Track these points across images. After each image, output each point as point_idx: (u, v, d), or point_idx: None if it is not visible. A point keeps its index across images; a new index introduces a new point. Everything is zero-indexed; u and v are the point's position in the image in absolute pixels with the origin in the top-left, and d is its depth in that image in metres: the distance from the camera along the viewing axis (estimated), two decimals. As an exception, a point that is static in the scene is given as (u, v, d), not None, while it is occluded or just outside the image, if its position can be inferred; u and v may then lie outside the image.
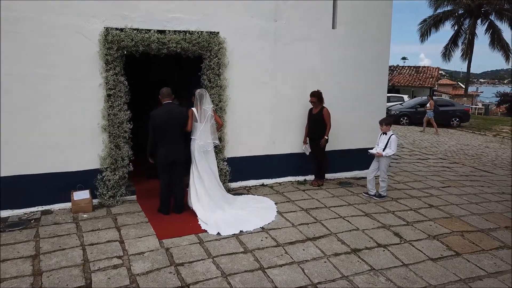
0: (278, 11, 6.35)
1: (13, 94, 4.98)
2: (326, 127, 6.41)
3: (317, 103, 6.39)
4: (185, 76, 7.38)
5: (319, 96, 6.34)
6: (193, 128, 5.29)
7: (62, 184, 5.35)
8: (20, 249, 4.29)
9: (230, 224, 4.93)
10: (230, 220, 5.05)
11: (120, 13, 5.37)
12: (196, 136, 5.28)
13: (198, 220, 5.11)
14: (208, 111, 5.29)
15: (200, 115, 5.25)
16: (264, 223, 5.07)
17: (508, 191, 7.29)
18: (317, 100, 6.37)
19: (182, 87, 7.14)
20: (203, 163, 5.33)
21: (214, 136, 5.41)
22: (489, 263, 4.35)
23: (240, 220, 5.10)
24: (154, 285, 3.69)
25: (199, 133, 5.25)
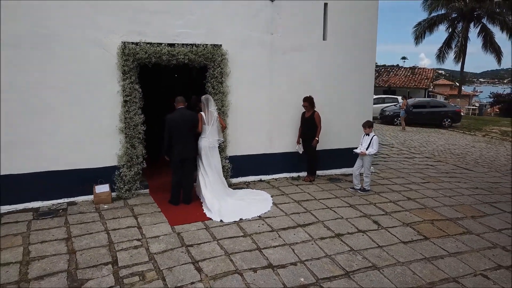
0: (274, 24, 7.11)
1: (43, 99, 5.74)
2: (317, 129, 7.17)
3: (309, 107, 7.15)
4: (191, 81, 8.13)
5: (310, 101, 7.10)
6: (202, 129, 6.12)
7: (85, 179, 6.11)
8: (54, 233, 5.07)
9: (231, 212, 5.71)
10: (232, 209, 5.82)
11: (135, 29, 6.14)
12: (205, 135, 6.11)
13: (204, 209, 5.90)
14: (214, 113, 6.12)
15: (208, 118, 6.08)
16: (262, 212, 5.86)
17: (483, 186, 8.07)
18: (309, 105, 7.12)
19: (188, 90, 7.90)
20: (209, 160, 6.17)
21: (219, 135, 6.27)
22: (452, 246, 5.13)
23: (240, 209, 5.88)
24: (169, 261, 4.46)
25: (208, 133, 6.09)
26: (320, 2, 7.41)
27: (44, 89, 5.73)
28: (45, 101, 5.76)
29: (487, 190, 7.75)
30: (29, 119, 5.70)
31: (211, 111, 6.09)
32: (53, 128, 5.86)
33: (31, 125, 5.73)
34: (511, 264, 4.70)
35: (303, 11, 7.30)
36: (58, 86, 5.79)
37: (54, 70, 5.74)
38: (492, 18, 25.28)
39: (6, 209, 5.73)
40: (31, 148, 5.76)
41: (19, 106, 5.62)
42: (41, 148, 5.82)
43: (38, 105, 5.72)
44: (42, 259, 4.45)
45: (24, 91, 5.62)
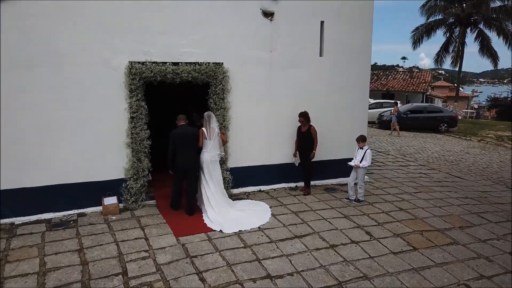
0: (272, 42, 7.47)
1: (56, 116, 6.09)
2: (314, 143, 7.52)
3: (305, 122, 7.48)
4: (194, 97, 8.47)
5: (306, 116, 7.45)
6: (204, 143, 6.49)
7: (94, 191, 6.47)
8: (67, 245, 5.42)
9: (232, 223, 6.08)
10: (232, 220, 6.19)
11: (141, 50, 6.49)
12: (206, 150, 6.50)
13: (204, 219, 6.27)
14: (215, 129, 6.51)
15: (209, 133, 6.46)
16: (261, 223, 6.22)
17: (472, 195, 8.43)
18: (305, 120, 7.46)
19: (190, 104, 8.25)
20: (210, 172, 6.55)
21: (220, 149, 6.65)
22: (438, 256, 5.49)
23: (240, 220, 6.24)
24: (175, 272, 4.82)
25: (209, 147, 6.48)
26: (316, 20, 7.76)
27: (56, 107, 6.08)
28: (58, 118, 6.11)
29: (476, 199, 8.10)
30: (43, 136, 6.06)
31: (212, 127, 6.47)
32: (64, 144, 6.21)
33: (44, 141, 6.08)
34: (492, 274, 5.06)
35: (301, 29, 7.66)
36: (69, 104, 6.15)
37: (66, 89, 6.09)
38: (488, 24, 25.65)
39: (20, 220, 6.09)
40: (44, 162, 6.12)
41: (33, 123, 5.98)
42: (53, 163, 6.18)
43: (51, 122, 6.08)
44: (57, 270, 4.80)
45: (38, 109, 5.97)
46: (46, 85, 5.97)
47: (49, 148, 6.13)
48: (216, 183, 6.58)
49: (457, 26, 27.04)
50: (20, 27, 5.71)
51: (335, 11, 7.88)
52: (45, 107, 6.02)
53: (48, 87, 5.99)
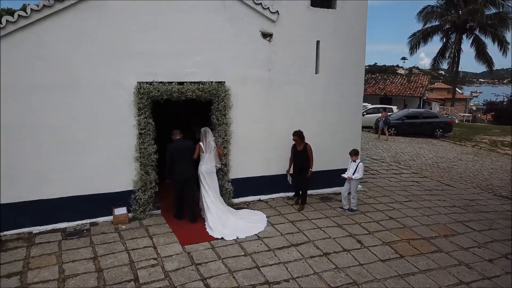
0: (271, 62, 7.97)
1: (70, 134, 6.59)
2: (309, 161, 7.80)
3: (299, 140, 7.73)
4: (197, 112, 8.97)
5: (300, 134, 7.73)
6: (201, 156, 7.08)
7: (105, 202, 6.97)
8: (82, 253, 5.92)
9: (231, 231, 6.63)
10: (232, 228, 6.73)
11: (149, 71, 7.00)
12: (203, 162, 7.09)
13: (206, 227, 6.81)
14: (211, 143, 7.09)
15: (206, 147, 7.07)
16: (258, 230, 6.76)
17: (460, 204, 8.92)
18: (299, 138, 7.70)
19: (193, 119, 8.75)
20: (208, 183, 7.13)
21: (216, 161, 7.25)
22: (423, 263, 5.99)
23: (239, 228, 6.77)
24: (182, 278, 5.31)
25: (205, 160, 7.06)
26: (312, 40, 8.26)
27: (71, 125, 6.58)
28: (73, 135, 6.62)
29: (463, 208, 8.60)
30: (59, 152, 6.56)
31: (208, 141, 7.10)
32: (78, 159, 6.71)
33: (60, 157, 6.58)
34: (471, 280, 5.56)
35: (297, 49, 8.16)
36: (83, 122, 6.65)
37: (81, 109, 6.59)
38: (484, 30, 26.17)
39: (37, 229, 6.59)
40: (60, 176, 6.62)
41: (51, 140, 6.48)
42: (68, 176, 6.68)
43: (66, 139, 6.58)
44: (75, 276, 5.30)
45: (54, 127, 6.47)
46: (62, 105, 6.47)
47: (65, 163, 6.63)
48: (214, 193, 7.16)
49: (454, 32, 27.56)
50: (40, 54, 6.22)
51: (330, 31, 8.38)
52: (61, 126, 6.52)
53: (65, 107, 6.49)
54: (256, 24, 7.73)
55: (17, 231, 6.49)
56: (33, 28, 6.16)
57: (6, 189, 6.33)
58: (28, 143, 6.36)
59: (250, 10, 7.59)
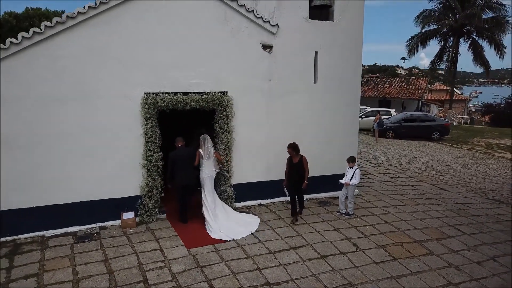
0: (271, 72, 8.34)
1: (83, 143, 6.96)
2: (305, 173, 7.74)
3: (293, 153, 7.67)
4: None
5: (294, 147, 7.67)
6: (201, 163, 7.50)
7: (113, 206, 7.33)
8: (93, 256, 6.28)
9: (227, 231, 7.12)
10: (228, 229, 7.19)
11: (155, 82, 7.36)
12: (203, 168, 7.52)
13: (206, 228, 7.27)
14: (210, 149, 7.53)
15: (205, 153, 7.49)
16: (252, 231, 7.26)
17: (452, 208, 9.29)
18: (293, 150, 7.65)
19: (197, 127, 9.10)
20: (208, 187, 7.57)
21: (215, 167, 7.69)
22: (415, 265, 6.35)
23: (235, 230, 7.23)
24: (188, 280, 5.68)
25: (205, 166, 7.51)
26: (311, 51, 8.63)
27: (83, 134, 6.95)
28: (83, 143, 6.98)
29: (455, 212, 8.96)
30: (71, 159, 6.92)
31: (207, 148, 7.51)
32: (89, 165, 7.07)
33: (71, 164, 6.95)
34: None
35: (296, 59, 8.52)
36: (94, 131, 7.01)
37: (92, 119, 6.96)
38: (481, 34, 26.55)
39: (50, 233, 6.95)
40: (71, 182, 6.98)
41: (63, 148, 6.85)
42: (78, 182, 7.04)
43: (78, 147, 6.94)
44: (88, 278, 5.67)
45: (68, 137, 6.84)
46: (75, 116, 6.84)
47: (76, 170, 6.99)
48: (214, 196, 7.63)
49: (451, 36, 27.94)
50: (53, 68, 6.59)
51: (328, 42, 8.74)
52: (73, 135, 6.88)
53: (77, 117, 6.86)
54: (257, 37, 8.10)
55: (31, 234, 6.85)
56: (47, 44, 6.53)
57: (20, 194, 6.69)
58: (42, 151, 6.73)
59: (251, 23, 7.96)
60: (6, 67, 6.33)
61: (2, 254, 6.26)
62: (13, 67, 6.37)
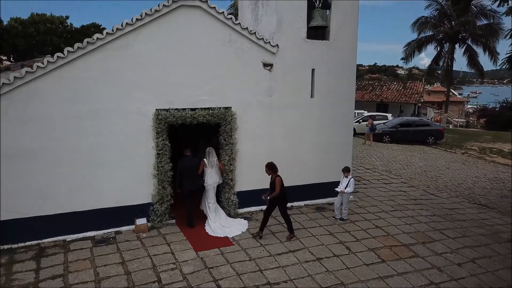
0: (271, 89, 9.04)
1: (99, 155, 7.65)
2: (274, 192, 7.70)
3: (269, 171, 7.81)
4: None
5: (269, 166, 7.81)
6: (205, 171, 8.35)
7: (127, 213, 8.02)
8: (112, 258, 6.98)
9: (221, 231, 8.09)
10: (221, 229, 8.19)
11: (166, 99, 8.05)
12: (206, 177, 8.36)
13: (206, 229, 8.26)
14: (214, 161, 8.34)
15: (209, 164, 8.33)
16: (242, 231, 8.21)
17: (440, 213, 9.98)
18: (269, 169, 7.81)
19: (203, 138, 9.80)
20: (211, 194, 8.44)
21: (219, 177, 8.55)
22: (401, 267, 7.04)
23: (227, 230, 8.20)
24: (197, 280, 6.37)
25: (208, 175, 8.33)
26: (308, 68, 9.33)
27: (100, 147, 7.64)
28: (101, 156, 7.67)
29: (442, 217, 9.65)
30: (89, 170, 7.62)
31: (211, 160, 8.39)
32: (106, 176, 7.76)
33: (90, 175, 7.64)
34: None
35: (295, 76, 9.23)
36: (109, 144, 7.71)
37: (108, 134, 7.66)
38: (475, 40, 27.25)
39: (70, 237, 7.65)
40: (89, 191, 7.67)
41: (82, 161, 7.54)
42: (97, 191, 7.73)
43: (95, 160, 7.64)
44: (108, 278, 6.36)
45: (85, 150, 7.54)
46: (93, 131, 7.53)
47: (94, 180, 7.69)
48: (214, 202, 8.49)
49: (447, 42, 28.64)
50: (75, 88, 7.29)
51: (324, 59, 9.45)
52: (91, 148, 7.58)
53: (94, 132, 7.56)
54: (258, 56, 8.80)
55: (54, 239, 7.55)
56: (69, 67, 7.22)
57: (45, 202, 7.38)
58: (64, 163, 7.42)
59: (253, 44, 8.66)
60: (33, 89, 7.02)
61: (29, 257, 6.96)
62: (40, 89, 7.07)
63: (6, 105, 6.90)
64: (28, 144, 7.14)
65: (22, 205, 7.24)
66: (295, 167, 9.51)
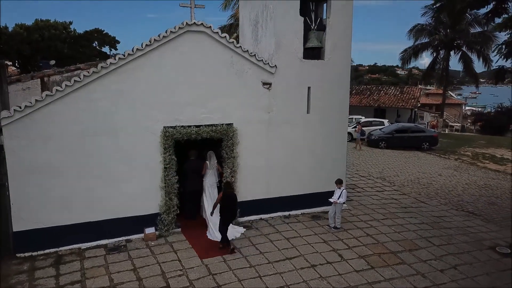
0: (270, 106, 9.71)
1: (112, 169, 8.32)
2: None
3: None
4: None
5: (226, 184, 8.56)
6: (205, 173, 9.25)
7: (137, 222, 8.69)
8: (124, 265, 7.64)
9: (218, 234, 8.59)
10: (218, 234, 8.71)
11: (173, 117, 8.73)
12: (205, 177, 9.33)
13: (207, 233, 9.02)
14: (214, 164, 9.28)
15: (210, 166, 9.27)
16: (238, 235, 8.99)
17: (428, 221, 10.64)
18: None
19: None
20: (210, 194, 9.33)
21: (216, 178, 9.47)
22: (388, 273, 7.71)
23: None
24: (203, 286, 7.03)
25: (208, 176, 9.31)
26: (304, 87, 10.01)
27: (112, 162, 8.31)
28: (113, 170, 8.34)
29: (430, 225, 10.32)
30: (103, 183, 8.28)
31: (212, 163, 9.36)
32: (117, 189, 8.43)
33: (103, 187, 8.30)
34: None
35: (292, 94, 9.90)
36: (122, 160, 8.38)
37: (120, 150, 8.33)
38: (470, 47, 27.95)
39: (85, 245, 8.32)
40: (103, 202, 8.34)
41: (96, 174, 8.21)
42: (109, 202, 8.40)
43: (108, 174, 8.31)
44: (122, 284, 7.02)
45: (100, 164, 8.21)
46: (106, 147, 8.21)
47: (107, 192, 8.35)
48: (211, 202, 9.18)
49: (442, 49, 29.34)
50: (90, 108, 7.96)
51: (319, 78, 10.12)
52: (105, 163, 8.25)
53: (108, 148, 8.23)
54: (258, 76, 9.47)
55: (70, 247, 8.22)
56: (84, 89, 7.90)
57: (62, 213, 8.05)
58: (80, 178, 8.09)
59: (253, 65, 9.33)
60: (53, 110, 7.69)
61: (48, 264, 7.62)
62: (58, 110, 7.74)
63: (30, 125, 7.57)
64: (48, 160, 7.81)
65: (42, 216, 7.91)
66: (292, 178, 10.22)
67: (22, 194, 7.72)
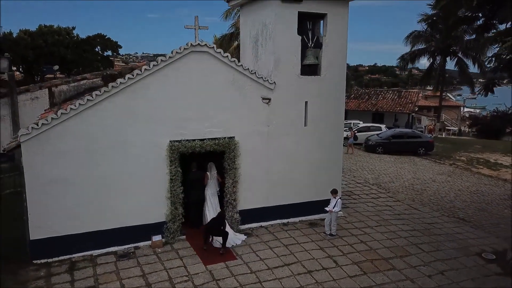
0: (269, 119, 10.30)
1: (120, 181, 8.90)
2: None
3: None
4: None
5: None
6: (207, 183, 9.89)
7: (144, 230, 9.27)
8: (133, 271, 8.21)
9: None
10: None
11: (178, 132, 9.31)
12: (207, 187, 9.95)
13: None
14: (214, 174, 9.84)
15: (210, 176, 9.83)
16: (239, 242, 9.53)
17: (419, 228, 11.21)
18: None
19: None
20: (211, 203, 9.97)
21: (216, 187, 10.10)
22: (379, 279, 8.28)
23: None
24: (207, 290, 7.61)
25: (209, 186, 9.92)
26: (302, 101, 10.59)
27: (121, 175, 8.89)
28: (122, 182, 8.92)
29: (421, 231, 10.88)
30: (112, 195, 8.86)
31: (212, 173, 9.97)
32: (126, 199, 9.01)
33: (113, 198, 8.89)
34: (410, 291, 7.87)
35: (290, 108, 10.48)
36: (130, 173, 8.95)
37: (129, 163, 8.91)
38: (466, 53, 28.55)
39: (96, 252, 8.89)
40: (113, 212, 8.92)
41: (106, 186, 8.79)
42: (119, 212, 8.98)
43: (118, 185, 8.89)
44: (132, 289, 7.60)
45: (110, 177, 8.79)
46: (115, 160, 8.79)
47: (116, 202, 8.93)
48: (215, 211, 9.79)
49: (439, 54, 29.94)
50: (101, 124, 8.54)
51: (316, 93, 10.70)
52: (114, 175, 8.83)
53: (117, 161, 8.81)
54: (258, 92, 10.06)
55: (82, 253, 8.79)
56: (96, 107, 8.47)
57: (76, 222, 8.63)
58: (91, 189, 8.67)
59: (253, 82, 9.92)
60: (69, 127, 8.28)
61: (63, 270, 8.19)
62: (72, 127, 8.32)
63: (44, 142, 8.15)
64: (62, 173, 8.39)
65: (57, 225, 8.49)
66: (290, 187, 10.79)
67: (39, 205, 8.30)
